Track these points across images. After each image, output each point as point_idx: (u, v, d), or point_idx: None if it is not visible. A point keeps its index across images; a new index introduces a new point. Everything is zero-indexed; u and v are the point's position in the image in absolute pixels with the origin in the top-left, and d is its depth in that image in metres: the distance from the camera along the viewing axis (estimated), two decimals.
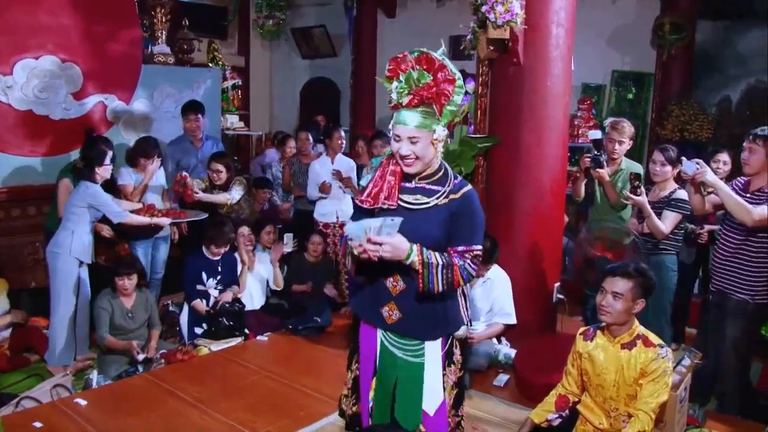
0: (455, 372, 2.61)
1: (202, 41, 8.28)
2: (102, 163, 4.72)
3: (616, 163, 4.57)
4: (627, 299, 2.85)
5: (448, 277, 2.41)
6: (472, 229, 2.52)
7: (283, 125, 11.01)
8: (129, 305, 4.71)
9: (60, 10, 5.82)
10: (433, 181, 2.55)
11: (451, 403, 2.61)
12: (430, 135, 2.45)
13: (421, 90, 2.41)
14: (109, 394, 4.09)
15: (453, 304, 2.59)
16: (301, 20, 11.14)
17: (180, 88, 6.80)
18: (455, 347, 2.62)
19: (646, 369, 2.83)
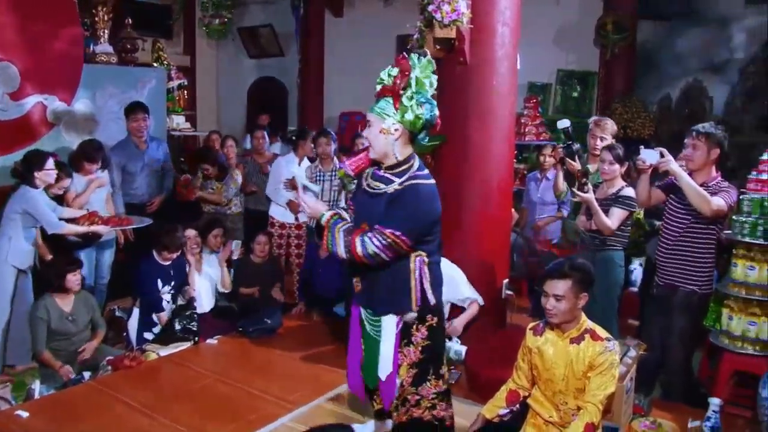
0: (414, 353, 2.89)
1: (147, 40, 8.12)
2: (42, 167, 4.58)
3: (598, 159, 4.58)
4: (569, 298, 2.89)
5: (346, 244, 2.73)
6: (395, 215, 2.73)
7: (231, 125, 10.92)
8: (68, 308, 4.56)
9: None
10: (395, 173, 2.82)
11: (409, 381, 2.91)
12: (380, 123, 2.75)
13: (384, 87, 2.78)
14: (53, 404, 3.97)
15: (402, 286, 2.83)
16: (248, 19, 11.06)
17: (124, 88, 6.66)
18: (416, 330, 2.88)
19: (594, 362, 2.88)
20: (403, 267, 2.82)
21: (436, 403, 2.98)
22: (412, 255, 2.81)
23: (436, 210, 2.82)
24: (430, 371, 2.94)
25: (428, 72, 2.81)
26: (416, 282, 2.83)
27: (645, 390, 3.86)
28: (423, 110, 2.77)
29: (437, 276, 2.93)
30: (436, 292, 2.91)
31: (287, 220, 6.21)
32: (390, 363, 2.89)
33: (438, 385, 2.97)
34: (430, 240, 2.86)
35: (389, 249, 2.71)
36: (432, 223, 2.82)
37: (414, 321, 2.88)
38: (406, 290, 2.83)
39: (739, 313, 3.85)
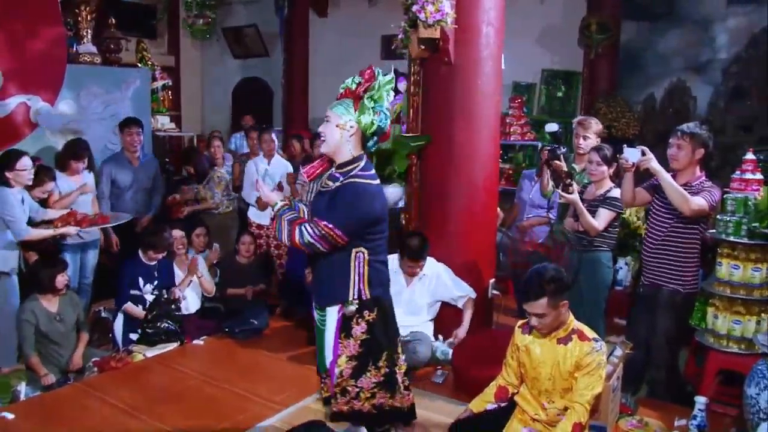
0: (354, 346, 3.05)
1: (131, 41, 8.09)
2: (13, 166, 4.51)
3: (584, 159, 4.60)
4: (550, 313, 2.92)
5: (288, 232, 2.96)
6: (332, 209, 2.96)
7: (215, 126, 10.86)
8: (54, 309, 4.53)
9: None
10: (342, 171, 3.04)
11: (349, 373, 3.07)
12: (337, 119, 3.00)
13: (347, 90, 3.06)
14: (39, 405, 3.96)
15: (342, 279, 3.02)
16: (233, 19, 11.02)
17: (108, 88, 6.62)
18: (356, 324, 3.04)
19: (581, 362, 2.90)
20: (344, 261, 3.02)
21: (375, 392, 3.11)
22: (353, 251, 3.00)
23: (373, 210, 3.00)
24: (369, 363, 3.08)
25: (388, 87, 3.06)
26: (354, 276, 3.01)
27: (632, 389, 3.90)
28: (378, 117, 3.02)
29: (379, 275, 3.09)
30: (374, 290, 3.06)
31: (263, 222, 6.21)
32: (330, 353, 3.10)
33: (377, 375, 3.10)
34: (372, 239, 3.04)
35: (324, 240, 2.92)
36: (370, 221, 3.00)
37: (354, 315, 3.04)
38: (345, 284, 3.02)
39: (724, 311, 3.89)
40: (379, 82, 3.02)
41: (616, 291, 5.30)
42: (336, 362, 3.08)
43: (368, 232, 3.02)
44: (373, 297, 3.05)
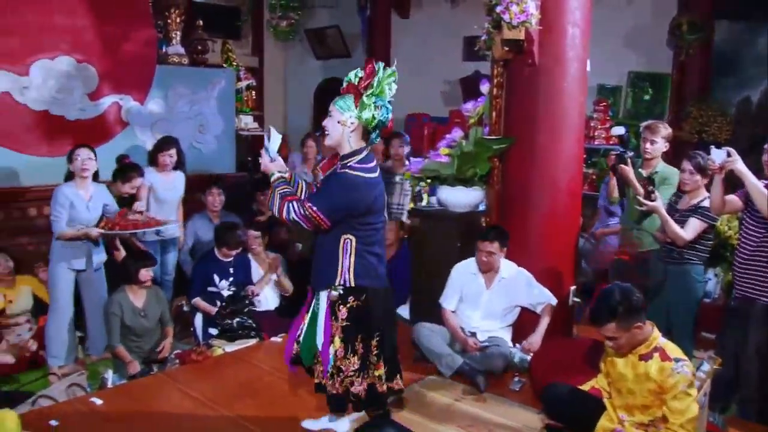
0: (337, 329, 3.16)
1: (216, 42, 8.30)
2: (71, 158, 4.69)
3: (651, 165, 4.48)
4: (622, 335, 2.84)
5: (279, 205, 3.04)
6: (320, 193, 3.13)
7: (297, 126, 11.02)
8: (140, 303, 4.72)
9: (75, 10, 5.88)
10: (342, 163, 3.14)
11: (342, 354, 3.16)
12: (339, 115, 3.10)
13: (350, 85, 3.13)
14: (124, 393, 4.09)
15: (331, 264, 3.14)
16: (315, 21, 11.13)
17: (194, 88, 6.83)
18: (338, 309, 3.15)
19: (664, 384, 2.80)
20: (334, 248, 3.14)
21: (353, 379, 3.19)
22: (342, 237, 3.12)
23: (358, 200, 3.08)
24: (348, 349, 3.18)
25: (390, 80, 3.14)
26: (342, 263, 3.13)
27: (720, 407, 3.71)
28: (379, 112, 3.10)
29: (367, 265, 3.17)
30: (359, 279, 3.15)
31: None
32: (322, 334, 3.20)
33: (354, 362, 3.18)
34: (362, 228, 3.13)
35: (307, 220, 3.03)
36: (354, 210, 3.07)
37: (338, 299, 3.15)
38: (334, 269, 3.14)
39: None
40: (379, 78, 3.09)
41: (705, 303, 5.06)
42: (330, 343, 3.19)
43: (358, 222, 3.11)
44: (357, 285, 3.15)
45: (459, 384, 4.11)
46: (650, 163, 4.50)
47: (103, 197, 4.83)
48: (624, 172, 4.42)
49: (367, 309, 3.18)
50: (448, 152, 4.96)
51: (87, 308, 4.90)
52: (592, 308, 2.97)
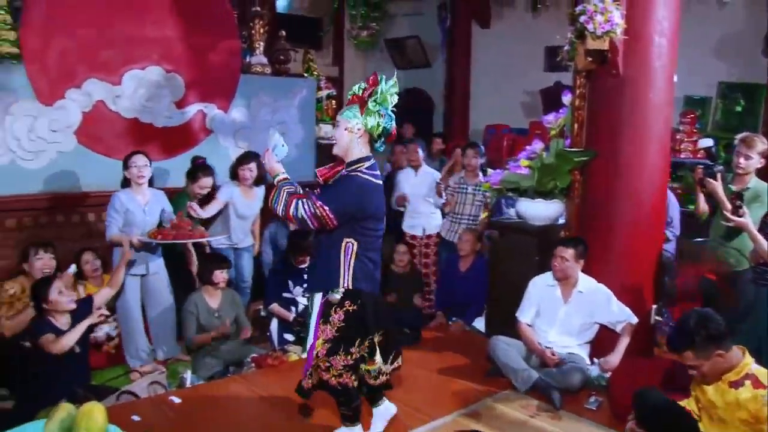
0: (330, 331, 3.25)
1: (298, 52, 8.45)
2: (127, 165, 4.82)
3: (744, 180, 4.31)
4: (702, 363, 2.74)
5: (285, 203, 3.17)
6: (329, 192, 3.24)
7: None
8: (215, 304, 4.86)
9: (165, 22, 6.09)
10: (349, 169, 3.26)
11: (324, 352, 3.26)
12: (346, 122, 3.24)
13: (354, 96, 3.29)
14: (201, 393, 4.20)
15: (331, 268, 3.24)
16: (395, 31, 11.22)
17: (276, 97, 6.95)
18: (334, 312, 3.24)
19: (759, 414, 2.65)
20: (335, 251, 3.23)
21: (342, 373, 3.28)
22: (344, 241, 3.22)
23: (368, 201, 3.21)
24: (341, 348, 3.27)
25: (392, 90, 3.27)
26: (342, 267, 3.22)
27: None
28: (383, 120, 3.23)
29: (366, 270, 3.28)
30: (358, 283, 3.24)
31: (416, 233, 6.28)
32: (312, 336, 3.36)
33: (346, 359, 3.27)
34: (364, 233, 3.25)
35: (315, 218, 3.14)
36: (362, 211, 3.19)
37: (335, 302, 3.24)
38: (334, 273, 3.23)
39: None
40: (382, 88, 3.23)
41: None
42: (314, 345, 3.31)
43: (360, 226, 3.23)
44: (355, 289, 3.24)
45: (534, 400, 4.03)
46: (743, 179, 4.32)
47: (160, 202, 4.95)
48: (712, 186, 4.25)
49: (362, 312, 3.27)
50: (528, 164, 4.90)
51: (148, 312, 5.04)
52: (669, 335, 2.91)
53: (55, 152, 5.53)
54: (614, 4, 4.14)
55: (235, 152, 6.50)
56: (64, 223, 5.58)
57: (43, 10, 5.44)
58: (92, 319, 4.16)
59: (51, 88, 5.49)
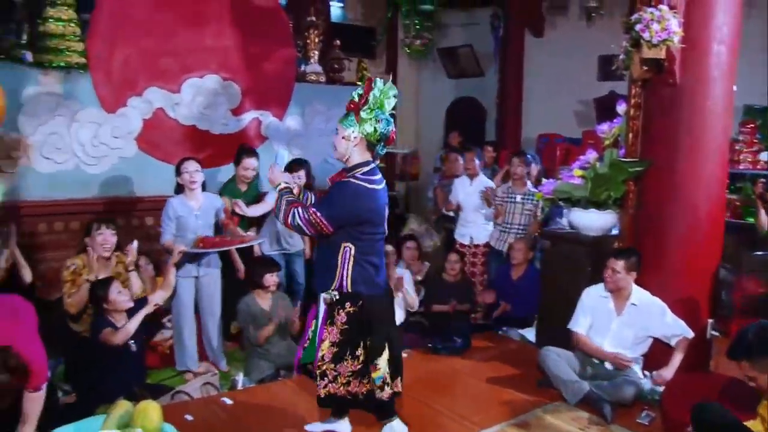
0: (335, 333, 3.34)
1: (352, 61, 8.53)
2: (179, 171, 4.92)
3: None
4: (759, 376, 2.71)
5: (284, 211, 3.30)
6: (324, 200, 3.38)
7: (429, 143, 11.14)
8: (267, 307, 4.94)
9: (223, 32, 6.24)
10: (348, 175, 3.34)
11: (329, 357, 3.35)
12: (343, 131, 3.33)
13: (351, 102, 3.34)
14: (253, 395, 4.28)
15: (330, 270, 3.35)
16: (448, 40, 11.23)
17: (330, 105, 7.04)
18: (337, 314, 3.33)
19: None
20: (334, 255, 3.34)
21: (350, 380, 3.38)
22: (341, 245, 3.31)
23: (360, 206, 3.28)
24: (347, 352, 3.35)
25: (389, 95, 3.33)
26: (340, 270, 3.32)
27: None
28: (380, 125, 3.30)
29: (365, 273, 3.35)
30: (356, 286, 3.33)
31: (465, 242, 6.29)
32: (318, 337, 3.44)
33: (354, 364, 3.36)
34: (361, 237, 3.32)
35: (310, 225, 3.26)
36: (355, 217, 3.28)
37: (333, 302, 3.33)
38: (332, 275, 3.33)
39: None
40: (375, 94, 3.29)
41: None
42: (320, 347, 3.39)
43: (357, 230, 3.31)
44: (354, 291, 3.33)
45: (584, 413, 3.99)
46: None
47: (213, 205, 5.04)
48: None
49: (364, 314, 3.34)
50: (581, 174, 4.85)
51: (201, 313, 5.12)
52: (730, 344, 2.86)
53: (116, 158, 5.71)
54: (671, 12, 4.09)
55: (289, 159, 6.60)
56: (124, 226, 5.74)
57: (109, 22, 5.64)
58: (148, 309, 4.30)
59: (114, 96, 5.68)
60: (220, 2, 6.21)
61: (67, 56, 5.38)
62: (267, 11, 6.57)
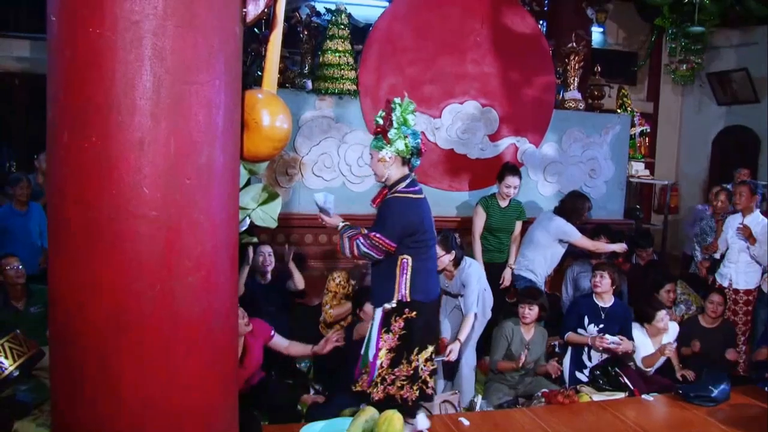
0: (392, 339, 3.55)
1: (613, 87, 8.29)
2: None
3: None
4: None
5: (348, 246, 3.52)
6: (378, 222, 3.55)
7: (691, 175, 10.44)
8: (528, 336, 4.94)
9: (483, 60, 6.44)
10: (390, 193, 3.59)
11: (387, 363, 3.56)
12: (377, 154, 3.56)
13: (377, 126, 3.57)
14: (489, 419, 4.30)
15: (389, 282, 3.54)
16: (719, 63, 10.40)
17: (588, 132, 6.91)
18: (394, 321, 3.54)
19: None
20: (392, 268, 3.54)
21: (404, 385, 3.56)
22: (399, 257, 3.51)
23: (407, 218, 3.49)
24: (403, 356, 3.55)
25: (409, 110, 3.50)
26: (399, 280, 3.51)
27: None
28: (409, 140, 3.51)
29: (421, 280, 3.57)
30: (415, 294, 3.54)
31: (723, 283, 5.74)
32: (374, 347, 3.59)
33: (408, 369, 3.56)
34: (416, 246, 3.54)
35: (375, 248, 3.46)
36: (409, 228, 3.50)
37: (392, 310, 3.53)
38: (391, 286, 3.53)
39: None
40: (397, 114, 3.47)
41: None
42: (377, 355, 3.55)
43: (412, 241, 3.52)
44: (413, 300, 3.54)
45: None
46: None
47: None
48: None
49: (419, 320, 3.55)
50: None
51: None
52: None
53: None
54: None
55: (543, 186, 6.59)
56: None
57: (379, 52, 6.10)
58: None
59: None
60: (481, 30, 6.41)
61: (341, 83, 5.90)
62: (527, 38, 6.64)
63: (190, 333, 2.21)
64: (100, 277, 2.09)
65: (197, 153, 2.14)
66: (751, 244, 5.56)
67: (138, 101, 2.03)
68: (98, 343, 2.11)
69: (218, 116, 2.20)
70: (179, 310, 2.16)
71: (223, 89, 2.21)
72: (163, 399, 2.17)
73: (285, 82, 5.96)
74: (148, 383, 2.15)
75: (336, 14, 6.02)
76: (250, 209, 3.28)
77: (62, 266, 2.15)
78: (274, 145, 2.52)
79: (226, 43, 2.23)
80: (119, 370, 2.12)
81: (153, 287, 2.11)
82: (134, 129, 2.04)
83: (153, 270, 2.11)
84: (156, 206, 2.09)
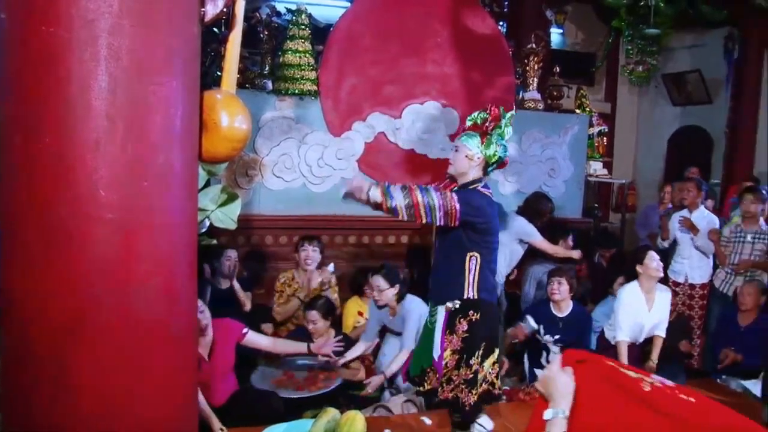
0: (456, 341, 3.50)
1: (571, 88, 8.38)
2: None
3: None
4: None
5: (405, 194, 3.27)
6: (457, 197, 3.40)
7: (647, 173, 10.62)
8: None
9: (443, 60, 6.48)
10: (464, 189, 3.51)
11: (453, 365, 3.51)
12: (466, 150, 3.50)
13: (474, 125, 3.57)
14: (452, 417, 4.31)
15: (457, 279, 3.48)
16: (674, 65, 10.62)
17: (548, 133, 6.99)
18: (458, 322, 3.49)
19: None
20: (461, 264, 3.47)
21: (463, 388, 3.48)
22: (468, 255, 3.45)
23: (486, 210, 3.45)
24: (464, 359, 3.48)
25: (510, 124, 3.54)
26: (467, 278, 3.46)
27: None
28: (500, 149, 3.52)
29: (487, 279, 3.53)
30: (481, 292, 3.50)
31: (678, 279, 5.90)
32: (438, 347, 3.56)
33: (467, 373, 3.48)
34: (486, 245, 3.49)
35: (443, 210, 3.29)
36: (483, 216, 3.43)
37: (456, 311, 3.49)
38: (459, 284, 3.47)
39: None
40: (504, 121, 3.49)
41: None
42: (443, 356, 3.53)
43: (483, 239, 3.47)
44: (480, 298, 3.49)
45: None
46: None
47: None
48: None
49: (483, 321, 3.50)
50: None
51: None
52: None
53: (339, 178, 6.12)
54: None
55: (503, 186, 6.64)
56: (342, 243, 6.12)
57: (339, 52, 6.09)
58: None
59: (340, 121, 6.11)
60: (441, 31, 6.44)
61: (302, 84, 5.88)
62: (488, 39, 6.69)
63: (149, 338, 2.16)
64: (55, 283, 2.03)
65: (155, 154, 2.10)
66: (694, 235, 5.75)
67: (93, 102, 1.98)
68: (54, 351, 2.05)
69: (176, 117, 2.15)
70: (138, 315, 2.12)
71: (181, 90, 2.16)
72: (122, 406, 2.12)
73: (245, 82, 5.91)
74: (107, 391, 2.10)
75: (296, 14, 5.99)
76: (209, 211, 3.24)
77: (16, 272, 2.09)
78: (233, 145, 2.48)
79: (185, 43, 2.19)
80: (77, 378, 2.07)
81: (110, 292, 2.06)
82: (90, 130, 1.98)
83: (110, 274, 2.05)
84: (113, 208, 2.03)
